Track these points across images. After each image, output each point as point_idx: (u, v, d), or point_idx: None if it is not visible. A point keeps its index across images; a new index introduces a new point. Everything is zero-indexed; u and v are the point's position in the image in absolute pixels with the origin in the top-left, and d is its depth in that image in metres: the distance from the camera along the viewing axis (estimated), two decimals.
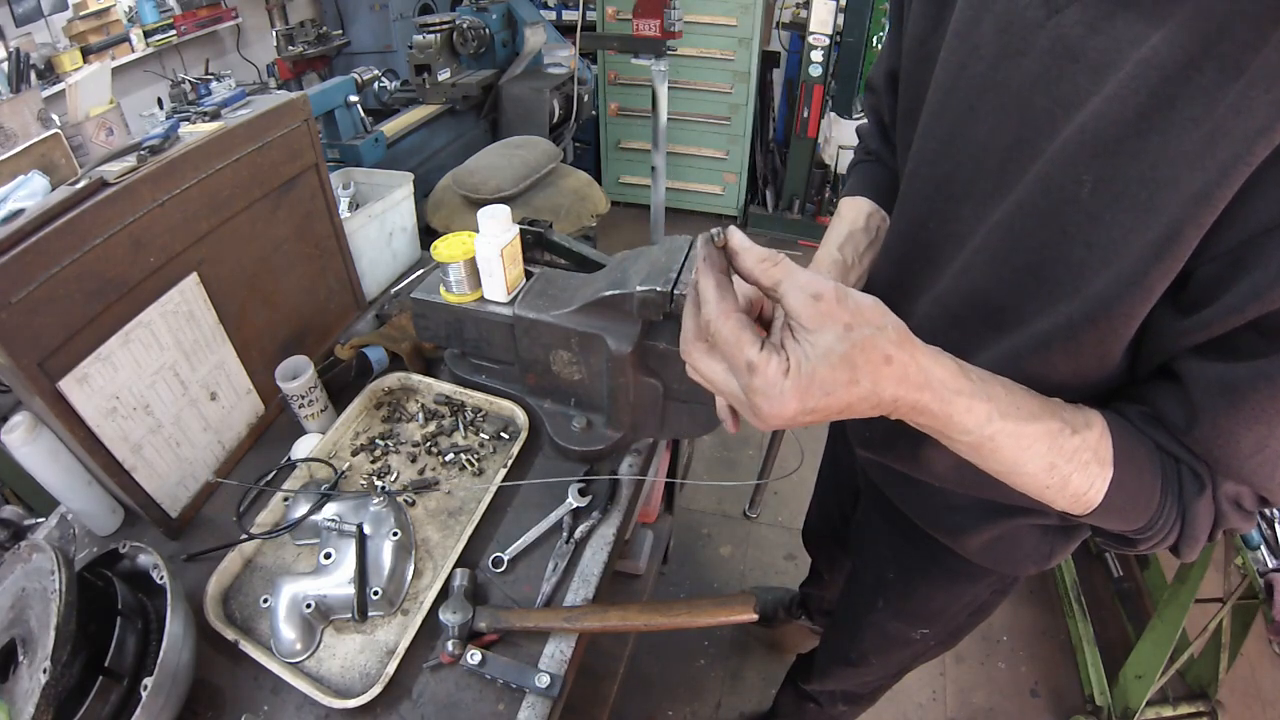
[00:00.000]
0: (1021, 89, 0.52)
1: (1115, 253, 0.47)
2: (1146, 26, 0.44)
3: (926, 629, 0.98)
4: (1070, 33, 0.49)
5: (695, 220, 3.64)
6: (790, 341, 0.43)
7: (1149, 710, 1.49)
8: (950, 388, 0.46)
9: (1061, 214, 0.50)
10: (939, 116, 0.61)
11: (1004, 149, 0.55)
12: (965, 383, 0.47)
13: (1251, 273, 0.42)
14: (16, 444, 0.83)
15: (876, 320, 0.43)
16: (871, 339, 0.42)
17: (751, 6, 2.97)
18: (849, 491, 1.13)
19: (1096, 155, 0.47)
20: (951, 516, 0.78)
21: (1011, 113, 0.53)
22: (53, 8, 2.45)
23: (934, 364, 0.45)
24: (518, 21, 2.68)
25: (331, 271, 1.22)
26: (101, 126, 1.71)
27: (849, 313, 0.42)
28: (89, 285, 0.77)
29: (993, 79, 0.55)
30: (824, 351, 0.41)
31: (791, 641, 1.79)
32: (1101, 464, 0.50)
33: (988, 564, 0.81)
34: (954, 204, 0.61)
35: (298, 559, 0.92)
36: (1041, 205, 0.51)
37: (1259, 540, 1.16)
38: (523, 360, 0.98)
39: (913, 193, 0.66)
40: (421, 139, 2.35)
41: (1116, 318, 0.48)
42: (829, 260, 0.79)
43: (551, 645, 0.81)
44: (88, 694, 0.65)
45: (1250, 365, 0.45)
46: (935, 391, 0.45)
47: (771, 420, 0.44)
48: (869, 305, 0.43)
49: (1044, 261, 0.52)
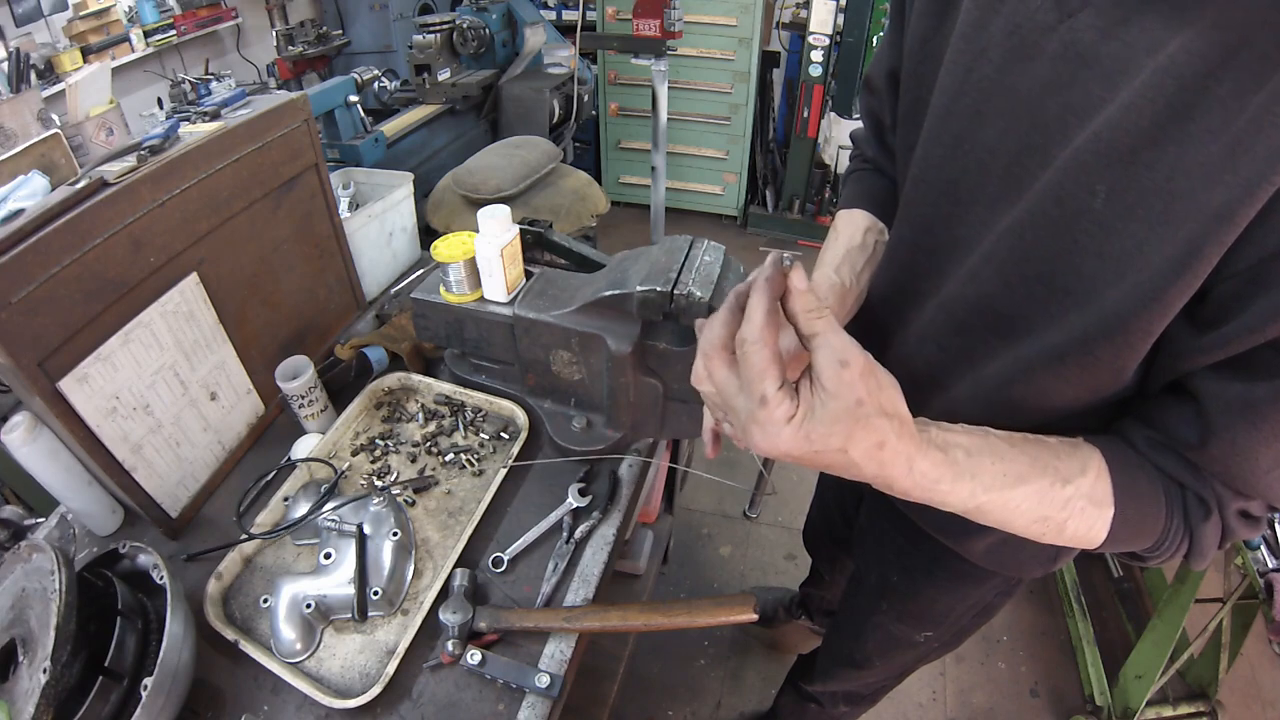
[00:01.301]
0: (1031, 93, 0.51)
1: (1130, 265, 0.46)
2: (1164, 32, 0.43)
3: (930, 631, 0.98)
4: (1083, 37, 0.48)
5: (695, 220, 3.64)
6: (805, 392, 0.44)
7: (1149, 710, 1.49)
8: (931, 478, 0.48)
9: (1073, 224, 0.49)
10: (945, 120, 0.60)
11: (1013, 154, 0.54)
12: (948, 470, 0.49)
13: (1271, 291, 0.41)
14: (16, 444, 0.83)
15: (889, 407, 0.44)
16: (875, 423, 0.44)
17: (751, 6, 2.97)
18: (851, 493, 1.13)
19: (1110, 165, 0.46)
20: (955, 520, 0.78)
21: (1021, 117, 0.53)
22: (53, 8, 2.45)
23: (922, 458, 0.47)
24: (518, 21, 2.68)
25: (331, 271, 1.22)
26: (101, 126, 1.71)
27: (866, 390, 0.43)
28: (89, 285, 0.77)
29: (1001, 82, 0.54)
30: (830, 416, 0.43)
31: (791, 642, 1.78)
32: (1099, 506, 0.51)
33: (993, 567, 0.80)
34: (960, 209, 0.60)
35: (298, 559, 0.92)
36: (1053, 214, 0.50)
37: (1259, 540, 1.16)
38: (523, 360, 0.98)
39: (918, 197, 0.66)
40: (421, 139, 2.35)
41: (1133, 333, 0.48)
42: (826, 283, 0.76)
43: (551, 645, 0.81)
44: (88, 694, 0.65)
45: (1271, 385, 0.44)
46: (916, 482, 0.48)
47: (758, 448, 0.46)
48: (888, 387, 0.45)
49: (1055, 272, 0.51)
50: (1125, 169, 0.45)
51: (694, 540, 2.09)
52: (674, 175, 3.45)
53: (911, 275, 0.69)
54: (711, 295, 0.78)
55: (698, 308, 0.78)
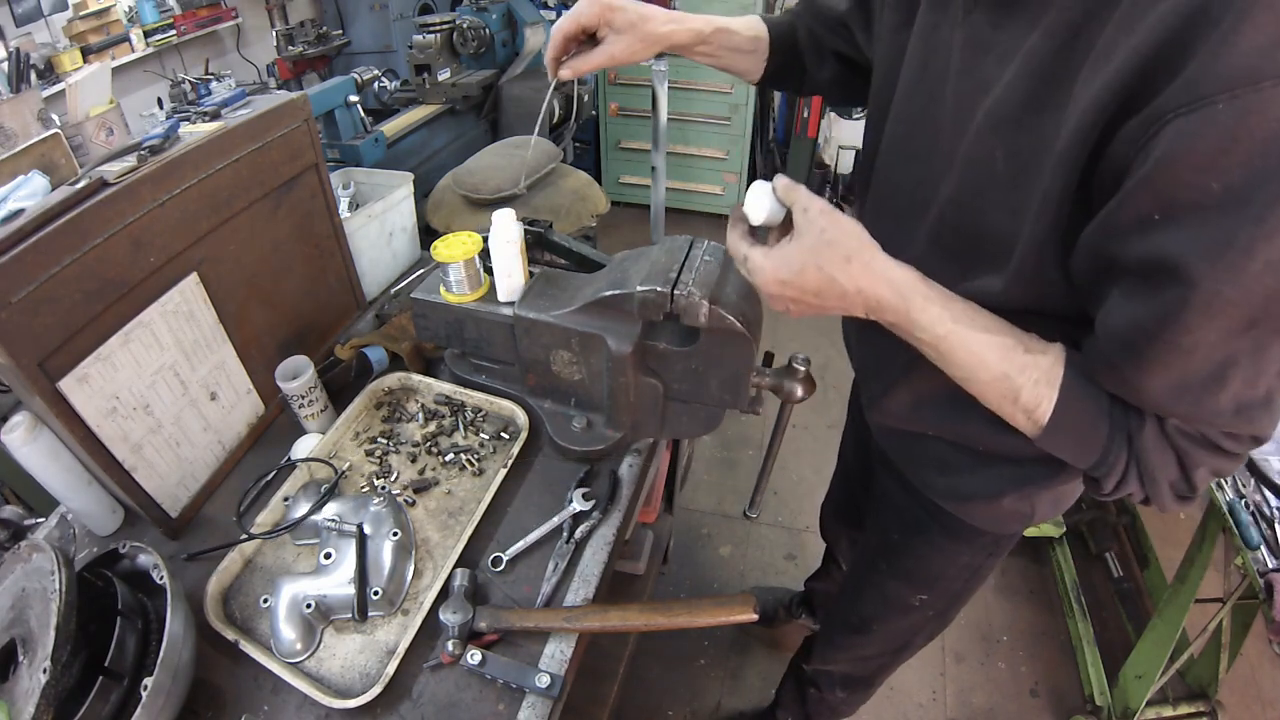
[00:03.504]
0: (955, 75, 0.63)
1: (1028, 215, 0.56)
2: (1028, 25, 0.55)
3: (925, 594, 1.02)
4: (980, 30, 0.60)
5: (696, 220, 3.63)
6: (784, 238, 0.61)
7: (1149, 710, 1.49)
8: (907, 287, 0.59)
9: (986, 186, 0.60)
10: (909, 98, 0.71)
11: (946, 129, 0.64)
12: (923, 287, 0.59)
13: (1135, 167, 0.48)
14: (16, 444, 0.83)
15: (847, 230, 0.59)
16: (836, 241, 0.58)
17: (751, 6, 2.97)
18: (867, 470, 1.17)
19: (1002, 131, 0.57)
20: (957, 486, 0.85)
21: (949, 98, 0.64)
22: (53, 8, 2.45)
23: (895, 268, 0.59)
24: (518, 21, 2.68)
25: (331, 271, 1.22)
26: (101, 126, 1.71)
27: (826, 221, 0.59)
28: (89, 285, 0.77)
29: (942, 69, 0.65)
30: (799, 245, 0.59)
31: (791, 641, 1.78)
32: (1050, 385, 0.58)
33: (984, 525, 0.88)
34: (919, 180, 0.70)
35: (298, 559, 0.91)
36: (970, 179, 0.62)
37: (1259, 540, 1.16)
38: (523, 360, 0.98)
39: (885, 167, 0.78)
40: (421, 139, 2.35)
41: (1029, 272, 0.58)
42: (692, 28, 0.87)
43: (551, 645, 0.81)
44: (88, 694, 0.66)
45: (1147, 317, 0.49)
46: (894, 288, 0.58)
47: (763, 287, 0.63)
48: (845, 221, 0.59)
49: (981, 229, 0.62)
50: (1014, 134, 0.56)
51: (694, 540, 2.09)
52: (674, 175, 3.45)
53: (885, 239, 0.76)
54: (712, 295, 0.78)
55: (698, 308, 0.78)
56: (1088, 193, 0.52)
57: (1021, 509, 0.83)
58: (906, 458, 0.92)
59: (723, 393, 0.89)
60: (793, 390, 0.89)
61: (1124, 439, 0.57)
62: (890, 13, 0.74)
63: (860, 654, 1.23)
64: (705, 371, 0.88)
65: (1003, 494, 0.81)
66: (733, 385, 0.88)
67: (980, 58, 0.60)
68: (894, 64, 0.73)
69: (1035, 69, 0.54)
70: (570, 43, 0.85)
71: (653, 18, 0.84)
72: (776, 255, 0.60)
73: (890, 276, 0.58)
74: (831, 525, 1.49)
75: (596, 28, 0.84)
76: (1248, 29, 0.41)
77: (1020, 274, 0.59)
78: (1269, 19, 0.41)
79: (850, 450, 1.30)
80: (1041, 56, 0.53)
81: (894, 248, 0.74)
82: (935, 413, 0.80)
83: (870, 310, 0.60)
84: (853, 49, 0.87)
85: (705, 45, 0.89)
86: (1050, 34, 0.53)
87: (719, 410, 0.93)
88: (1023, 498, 0.81)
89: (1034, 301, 0.60)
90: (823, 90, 0.98)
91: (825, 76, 0.94)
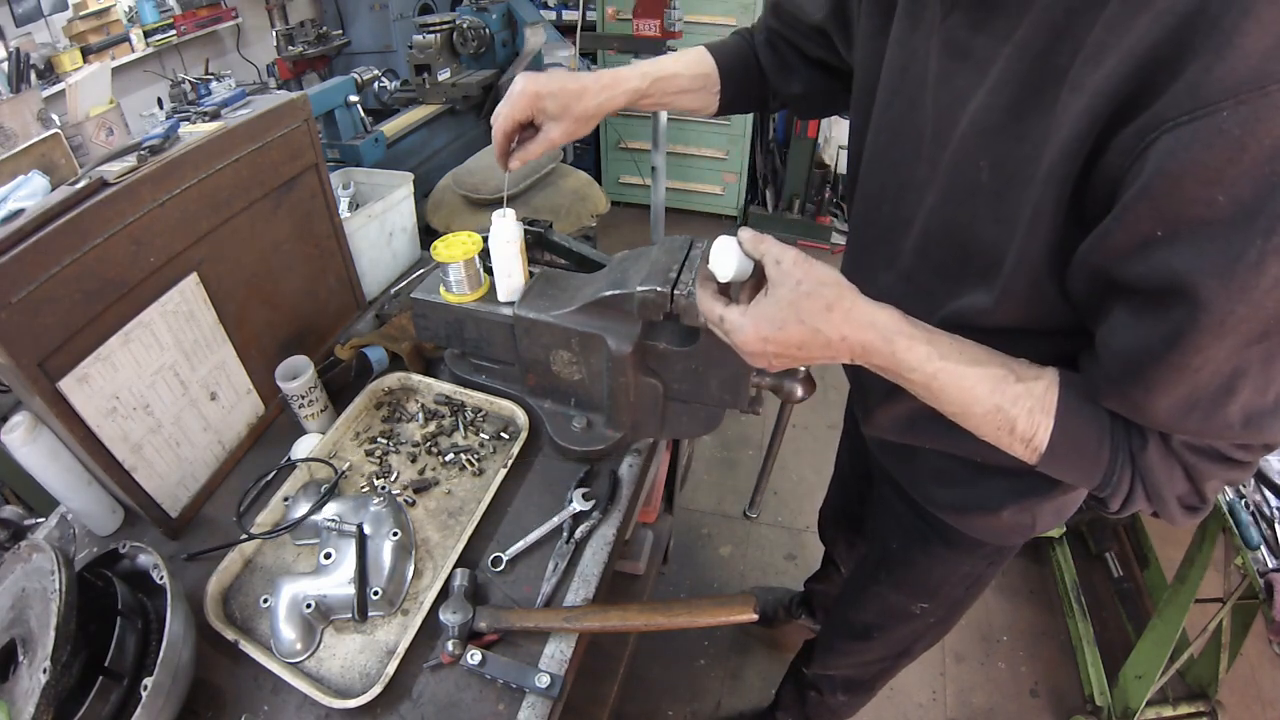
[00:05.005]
0: (934, 83, 0.61)
1: (1019, 227, 0.54)
2: (1009, 27, 0.52)
3: (926, 603, 1.01)
4: (958, 34, 0.58)
5: (695, 220, 3.63)
6: (760, 294, 0.59)
7: (1149, 710, 1.49)
8: (891, 329, 0.57)
9: (972, 197, 0.58)
10: (887, 107, 0.69)
11: (928, 139, 0.63)
12: (907, 327, 0.57)
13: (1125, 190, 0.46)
14: (16, 444, 0.83)
15: (823, 278, 0.56)
16: (814, 291, 0.56)
17: (751, 6, 2.97)
18: (864, 479, 1.16)
19: (987, 142, 0.55)
20: (957, 500, 0.84)
21: (929, 105, 0.62)
22: (53, 8, 2.45)
23: (877, 311, 0.57)
24: (518, 21, 2.67)
25: (331, 271, 1.22)
26: (101, 126, 1.71)
27: (802, 272, 0.56)
28: (89, 285, 0.77)
29: (920, 75, 0.63)
30: (776, 299, 0.57)
31: (791, 641, 1.78)
32: (1045, 413, 0.56)
33: (985, 537, 0.87)
34: (901, 189, 0.69)
35: (298, 559, 0.91)
36: (956, 190, 0.60)
37: (1259, 540, 1.16)
38: (523, 360, 0.98)
39: (869, 177, 0.76)
40: (421, 139, 2.35)
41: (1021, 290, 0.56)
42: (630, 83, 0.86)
43: (551, 645, 0.81)
44: (88, 694, 0.66)
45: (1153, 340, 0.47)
46: (878, 331, 0.56)
47: (743, 346, 0.59)
48: (820, 269, 0.57)
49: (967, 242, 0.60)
50: (999, 143, 0.54)
51: (694, 540, 2.09)
52: (674, 175, 3.45)
53: (868, 250, 0.77)
54: None
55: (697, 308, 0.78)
56: (1081, 204, 0.49)
57: (1023, 521, 0.81)
58: (904, 470, 0.91)
59: (723, 393, 0.89)
60: (793, 390, 0.89)
61: (1127, 458, 0.56)
62: (867, 19, 0.72)
63: (861, 659, 1.23)
64: (705, 371, 0.88)
65: (1003, 506, 0.80)
66: (733, 385, 0.88)
67: (959, 63, 0.57)
68: (873, 70, 0.71)
69: (1017, 74, 0.52)
70: (510, 137, 0.86)
71: (584, 93, 0.83)
72: (755, 312, 0.57)
73: (873, 320, 0.56)
74: (830, 530, 1.49)
75: (531, 118, 0.84)
76: (1251, 28, 0.39)
77: (1011, 289, 0.56)
78: (1273, 16, 0.38)
79: (846, 460, 1.29)
80: (1023, 60, 0.51)
81: (881, 261, 0.73)
82: (931, 426, 0.78)
83: (856, 356, 0.58)
84: (833, 55, 0.86)
85: (646, 99, 0.89)
86: (1032, 35, 0.50)
87: (719, 410, 0.93)
88: (1023, 509, 0.80)
89: (1026, 318, 0.58)
90: (792, 104, 0.96)
91: (795, 90, 0.92)
